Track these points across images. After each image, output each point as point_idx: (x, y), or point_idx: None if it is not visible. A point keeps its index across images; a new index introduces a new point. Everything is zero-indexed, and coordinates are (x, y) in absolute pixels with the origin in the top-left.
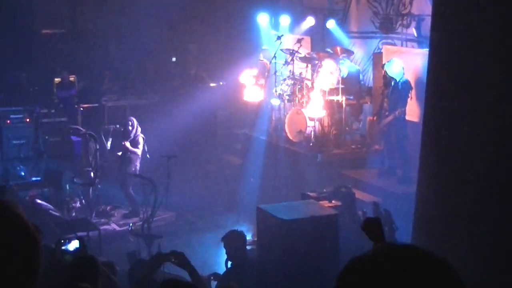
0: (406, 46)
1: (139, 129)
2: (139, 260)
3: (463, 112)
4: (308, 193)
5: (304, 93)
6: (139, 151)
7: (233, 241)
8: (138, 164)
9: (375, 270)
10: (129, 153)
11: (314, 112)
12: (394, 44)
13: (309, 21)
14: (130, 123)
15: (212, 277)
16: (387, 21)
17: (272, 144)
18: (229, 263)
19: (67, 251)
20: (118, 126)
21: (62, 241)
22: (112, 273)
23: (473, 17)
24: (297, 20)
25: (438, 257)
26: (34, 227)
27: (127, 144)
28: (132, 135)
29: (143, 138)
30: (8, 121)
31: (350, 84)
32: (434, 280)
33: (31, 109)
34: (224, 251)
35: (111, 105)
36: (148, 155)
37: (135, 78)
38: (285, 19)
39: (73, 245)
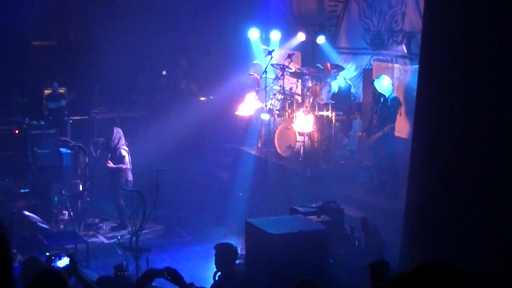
0: (397, 62)
1: (122, 141)
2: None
3: (452, 128)
4: (297, 208)
5: (294, 108)
6: (124, 165)
7: (226, 251)
8: (129, 176)
9: None
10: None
11: (304, 127)
12: (385, 61)
13: (300, 37)
14: (113, 133)
15: None
16: (378, 38)
17: (261, 159)
18: (218, 275)
19: (57, 268)
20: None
21: (53, 257)
22: None
23: (462, 35)
24: (288, 35)
25: (476, 277)
26: None
27: (110, 163)
28: (113, 145)
29: (127, 151)
30: None
31: (340, 100)
32: None
33: (20, 121)
34: (212, 265)
35: (101, 118)
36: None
37: (125, 91)
38: (275, 34)
39: (63, 262)
